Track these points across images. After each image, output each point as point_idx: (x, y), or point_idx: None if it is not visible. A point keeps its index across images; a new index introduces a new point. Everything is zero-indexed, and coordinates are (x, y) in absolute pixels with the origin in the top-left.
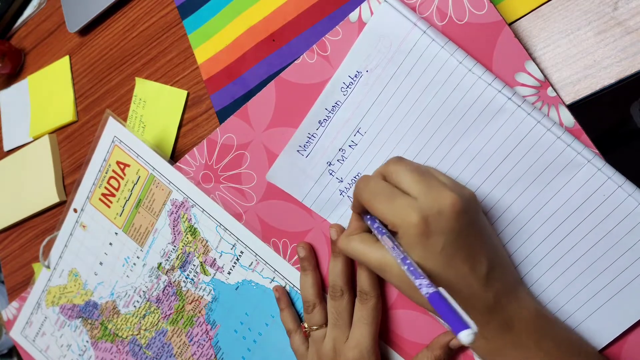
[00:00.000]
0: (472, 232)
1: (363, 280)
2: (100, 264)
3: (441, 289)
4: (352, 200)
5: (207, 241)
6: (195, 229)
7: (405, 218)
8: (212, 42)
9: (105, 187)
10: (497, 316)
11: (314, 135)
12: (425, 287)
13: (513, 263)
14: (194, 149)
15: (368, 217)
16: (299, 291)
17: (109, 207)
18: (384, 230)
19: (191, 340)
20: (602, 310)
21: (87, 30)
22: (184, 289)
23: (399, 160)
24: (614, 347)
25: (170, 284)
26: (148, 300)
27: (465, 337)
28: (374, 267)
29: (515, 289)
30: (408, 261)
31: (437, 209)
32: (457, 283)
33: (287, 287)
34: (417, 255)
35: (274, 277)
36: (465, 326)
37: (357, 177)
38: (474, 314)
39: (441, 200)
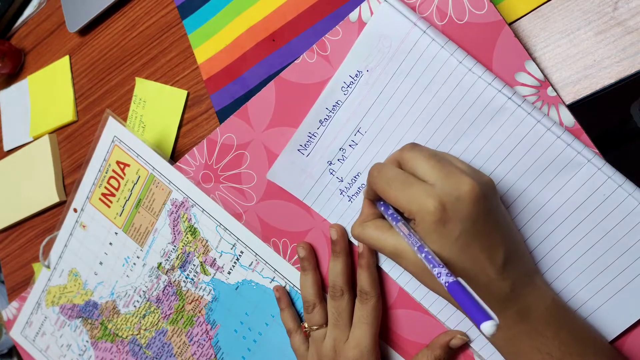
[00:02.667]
0: (490, 220)
1: (363, 280)
2: (100, 263)
3: (460, 279)
4: (352, 200)
5: (207, 241)
6: (195, 228)
7: (422, 205)
8: (212, 42)
9: (105, 187)
10: (513, 305)
11: (315, 134)
12: (444, 276)
13: (529, 251)
14: (194, 148)
15: (381, 203)
16: (299, 291)
17: (109, 207)
18: (398, 218)
19: (191, 340)
20: (601, 310)
21: (87, 30)
22: (184, 288)
23: (414, 146)
24: (614, 345)
25: (170, 283)
26: (148, 300)
27: (487, 328)
28: (389, 254)
29: (532, 278)
30: (425, 249)
31: (455, 196)
32: (474, 271)
33: (287, 287)
34: (434, 242)
35: (274, 277)
36: (487, 317)
37: (357, 177)
38: (491, 302)
39: (459, 186)
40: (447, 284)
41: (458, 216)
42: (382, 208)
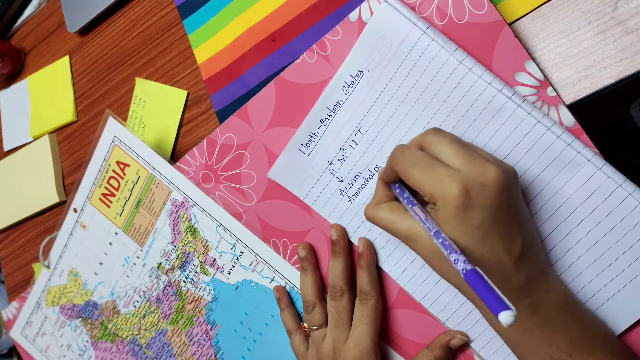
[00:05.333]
0: (511, 210)
1: (363, 280)
2: (100, 263)
3: (477, 268)
4: (352, 200)
5: (207, 241)
6: (195, 228)
7: (446, 189)
8: (212, 42)
9: (105, 187)
10: (527, 297)
11: (316, 133)
12: (462, 263)
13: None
14: (194, 148)
15: (397, 186)
16: (299, 291)
17: (109, 207)
18: (414, 202)
19: (191, 340)
20: (603, 308)
21: (87, 30)
22: (184, 288)
23: (438, 131)
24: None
25: (170, 283)
26: (148, 300)
27: (506, 318)
28: (402, 237)
29: (546, 272)
30: (442, 235)
31: (480, 182)
32: (490, 261)
33: (287, 287)
34: (453, 228)
35: (274, 277)
36: (504, 307)
37: (357, 177)
38: (505, 293)
39: (485, 173)
40: (464, 272)
41: (481, 203)
42: (398, 191)
